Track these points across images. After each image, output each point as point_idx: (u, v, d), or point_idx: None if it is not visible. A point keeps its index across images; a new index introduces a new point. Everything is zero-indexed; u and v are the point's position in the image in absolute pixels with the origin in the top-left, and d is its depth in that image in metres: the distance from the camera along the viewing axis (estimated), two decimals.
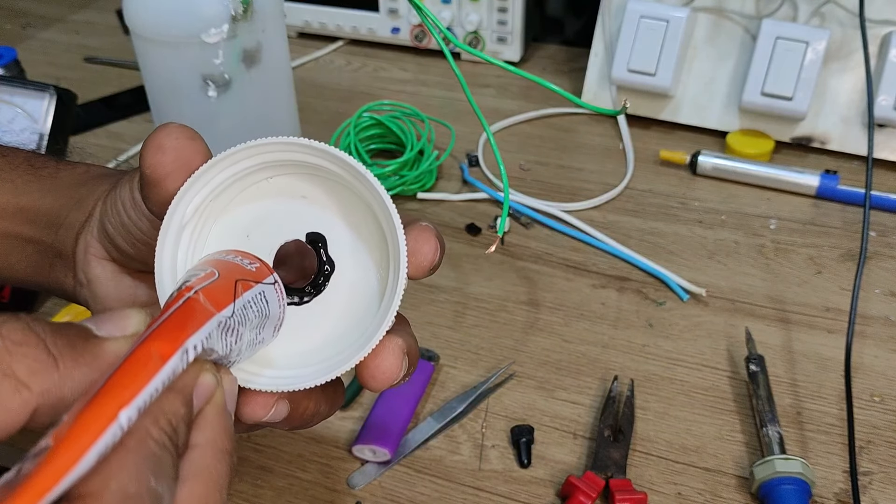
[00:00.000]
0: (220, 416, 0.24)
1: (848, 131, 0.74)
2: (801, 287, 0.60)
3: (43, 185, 0.36)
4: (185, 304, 0.23)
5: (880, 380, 0.53)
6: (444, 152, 0.75)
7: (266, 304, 0.27)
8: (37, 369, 0.20)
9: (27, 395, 0.20)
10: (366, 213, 0.30)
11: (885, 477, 0.47)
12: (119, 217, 0.32)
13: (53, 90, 0.63)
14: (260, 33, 0.52)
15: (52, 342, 0.21)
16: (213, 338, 0.23)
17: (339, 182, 0.29)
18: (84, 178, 0.36)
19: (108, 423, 0.19)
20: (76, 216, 0.35)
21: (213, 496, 0.22)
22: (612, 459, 0.47)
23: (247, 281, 0.26)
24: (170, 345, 0.21)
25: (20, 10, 1.10)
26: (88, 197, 0.35)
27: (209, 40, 0.50)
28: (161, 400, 0.21)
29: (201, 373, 0.23)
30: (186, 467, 0.22)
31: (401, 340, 0.29)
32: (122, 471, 0.19)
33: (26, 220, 0.36)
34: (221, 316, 0.24)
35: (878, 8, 0.71)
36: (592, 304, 0.60)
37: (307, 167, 0.29)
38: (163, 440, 0.21)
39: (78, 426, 0.19)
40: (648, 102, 0.80)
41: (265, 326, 0.27)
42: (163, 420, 0.21)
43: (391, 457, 0.48)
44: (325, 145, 0.27)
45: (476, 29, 0.90)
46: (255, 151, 0.28)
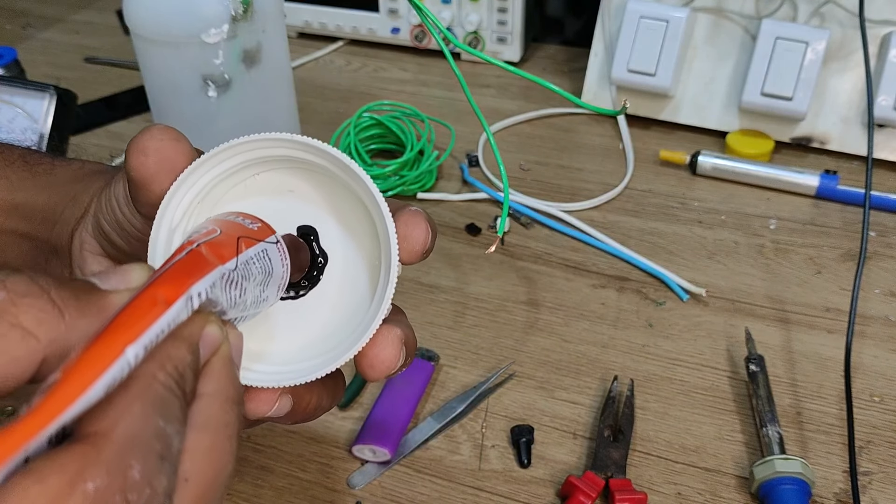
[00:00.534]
0: (227, 367, 0.24)
1: (848, 131, 0.74)
2: (800, 287, 0.61)
3: (38, 181, 0.36)
4: (189, 255, 0.23)
5: (880, 380, 0.53)
6: (444, 152, 0.75)
7: (269, 261, 0.27)
8: (43, 319, 0.20)
9: (35, 345, 0.20)
10: (355, 203, 0.30)
11: (884, 477, 0.47)
12: (113, 214, 0.32)
13: (53, 90, 0.63)
14: (260, 33, 0.52)
15: (56, 294, 0.21)
16: (217, 288, 0.23)
17: (325, 174, 0.29)
18: (79, 174, 0.37)
19: (115, 357, 0.19)
20: (72, 212, 0.35)
21: (222, 444, 0.22)
22: (612, 459, 0.47)
23: (249, 238, 0.26)
24: (174, 290, 0.22)
25: (20, 10, 1.10)
26: (84, 193, 0.35)
27: (209, 40, 0.50)
28: (167, 346, 0.21)
29: (207, 324, 0.23)
30: (194, 416, 0.22)
31: (398, 330, 0.29)
32: (130, 411, 0.19)
33: (22, 217, 0.36)
34: (224, 268, 0.24)
35: (878, 8, 0.71)
36: (592, 304, 0.60)
37: (293, 162, 0.29)
38: (169, 384, 0.21)
39: (85, 359, 0.19)
40: (648, 102, 0.80)
41: (269, 284, 0.27)
42: (169, 365, 0.21)
43: (391, 457, 0.48)
44: (308, 139, 0.27)
45: (476, 29, 0.90)
46: (239, 150, 0.28)
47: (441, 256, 0.64)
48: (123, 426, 0.19)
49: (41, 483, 0.17)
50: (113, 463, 0.18)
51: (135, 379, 0.20)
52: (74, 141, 0.75)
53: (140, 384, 0.20)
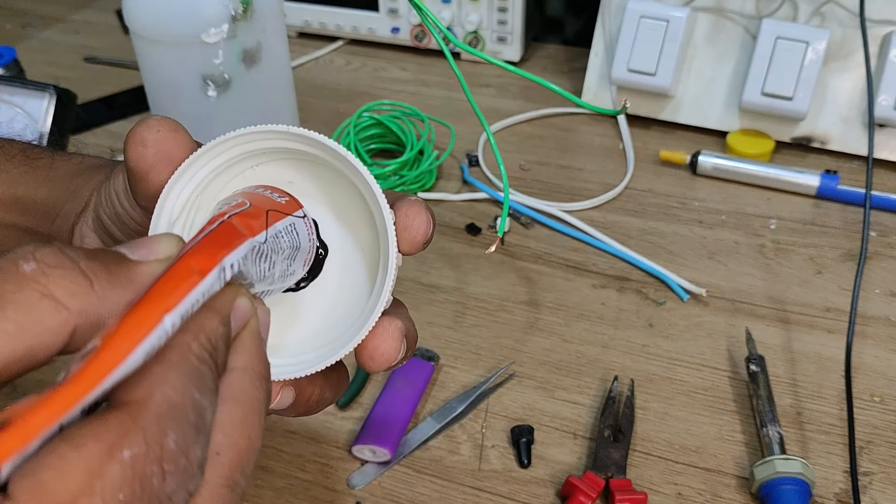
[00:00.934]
0: (256, 341, 0.24)
1: (848, 131, 0.74)
2: (801, 287, 0.60)
3: (38, 175, 0.36)
4: (220, 226, 0.23)
5: (880, 380, 0.53)
6: (444, 152, 0.75)
7: (297, 235, 0.27)
8: (74, 290, 0.20)
9: (66, 315, 0.20)
10: (353, 195, 0.30)
11: (885, 477, 0.47)
12: (113, 207, 0.32)
13: (53, 90, 0.63)
14: (260, 33, 0.52)
15: (86, 265, 0.21)
16: (248, 260, 0.24)
17: (323, 166, 0.29)
18: (79, 168, 0.36)
19: (153, 324, 0.19)
20: (72, 206, 0.35)
21: (252, 419, 0.22)
22: (612, 459, 0.47)
23: (278, 212, 0.26)
24: (208, 260, 0.22)
25: (20, 9, 1.10)
26: (84, 187, 0.35)
27: (209, 40, 0.50)
28: (200, 317, 0.21)
29: (238, 296, 0.23)
30: (226, 389, 0.22)
31: (399, 322, 0.29)
32: (166, 381, 0.19)
33: (22, 211, 0.36)
34: (255, 241, 0.24)
35: (879, 8, 0.71)
36: (592, 304, 0.59)
37: (291, 154, 0.29)
38: (203, 356, 0.21)
39: (124, 327, 0.19)
40: (648, 102, 0.80)
41: (296, 258, 0.27)
42: (202, 337, 0.21)
43: (391, 457, 0.48)
44: (305, 131, 0.27)
45: (476, 29, 0.90)
46: (238, 141, 0.28)
47: (441, 256, 0.64)
48: (160, 395, 0.19)
49: (78, 450, 0.17)
50: (150, 432, 0.18)
51: (170, 349, 0.20)
52: (74, 140, 0.74)
53: (175, 354, 0.20)
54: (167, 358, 0.20)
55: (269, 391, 0.24)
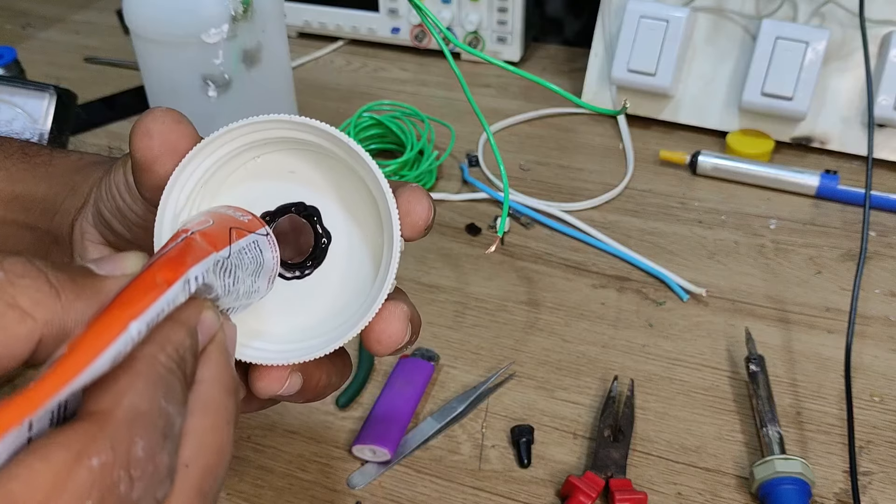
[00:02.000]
0: (223, 354, 0.24)
1: (848, 131, 0.74)
2: (800, 287, 0.60)
3: (37, 172, 0.36)
4: (184, 242, 0.24)
5: (880, 380, 0.53)
6: (444, 152, 0.75)
7: (260, 252, 0.27)
8: (40, 300, 0.20)
9: (32, 325, 0.20)
10: (356, 182, 0.30)
11: (884, 477, 0.47)
12: (114, 201, 0.32)
13: (53, 90, 0.63)
14: (260, 33, 0.52)
15: (53, 276, 0.21)
16: (212, 274, 0.24)
17: (326, 155, 0.30)
18: (78, 165, 0.37)
19: (119, 331, 0.19)
20: (72, 202, 0.35)
21: (222, 428, 0.23)
22: (612, 459, 0.47)
23: (240, 230, 0.26)
24: (172, 272, 0.22)
25: (20, 10, 1.10)
26: (83, 183, 0.35)
27: (209, 40, 0.50)
28: (167, 329, 0.22)
29: (203, 310, 0.24)
30: (194, 400, 0.22)
31: (404, 306, 0.29)
32: (133, 389, 0.20)
33: (21, 208, 0.36)
34: (219, 256, 0.24)
35: (878, 8, 0.71)
36: (592, 304, 0.60)
37: (293, 143, 0.29)
38: (171, 365, 0.21)
39: (90, 333, 0.19)
40: (648, 102, 0.80)
41: (260, 275, 0.28)
42: (169, 347, 0.21)
43: (391, 457, 0.48)
44: (307, 119, 0.28)
45: (476, 29, 0.90)
46: (241, 132, 0.28)
47: (441, 256, 0.64)
48: (127, 403, 0.19)
49: (45, 460, 0.17)
50: (117, 439, 0.19)
51: (137, 359, 0.20)
52: (74, 140, 0.74)
53: (142, 364, 0.20)
54: (134, 367, 0.20)
55: (237, 403, 0.24)
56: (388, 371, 0.54)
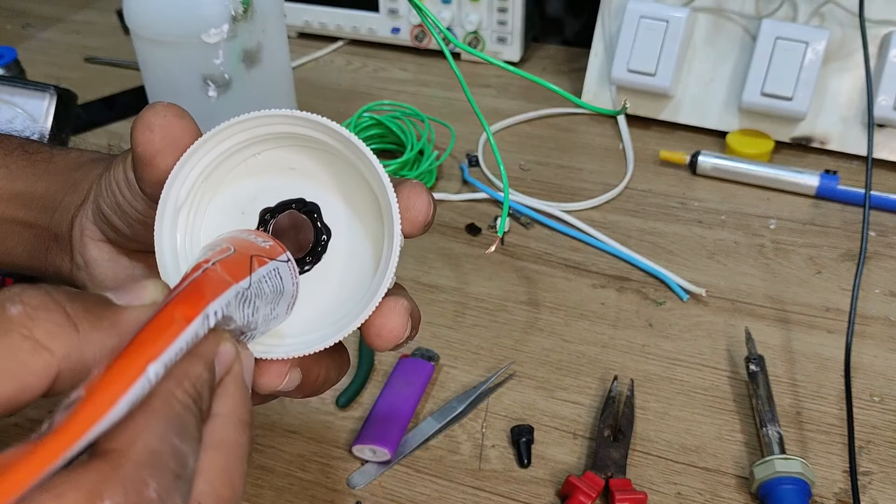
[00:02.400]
0: (240, 387, 0.24)
1: (848, 131, 0.74)
2: (800, 287, 0.61)
3: (37, 169, 0.37)
4: (204, 274, 0.24)
5: (880, 380, 0.53)
6: (444, 152, 0.75)
7: (280, 280, 0.27)
8: (57, 333, 0.20)
9: (49, 358, 0.20)
10: (356, 178, 0.30)
11: (884, 477, 0.47)
12: (114, 197, 0.32)
13: (54, 90, 0.63)
14: (260, 33, 0.52)
15: (70, 308, 0.21)
16: (232, 307, 0.24)
17: (326, 151, 0.30)
18: (78, 162, 0.37)
19: (137, 375, 0.19)
20: (71, 199, 0.35)
21: (235, 466, 0.23)
22: (612, 459, 0.47)
23: (261, 257, 0.26)
24: (192, 308, 0.22)
25: (20, 10, 1.10)
26: (83, 180, 0.35)
27: (209, 40, 0.50)
28: (184, 364, 0.21)
29: (221, 341, 0.23)
30: (208, 436, 0.22)
31: (404, 301, 0.29)
32: (147, 429, 0.20)
33: (21, 205, 0.36)
34: (239, 287, 0.24)
35: (878, 8, 0.71)
36: (592, 304, 0.60)
37: (294, 139, 0.29)
38: (187, 402, 0.21)
39: (108, 378, 0.19)
40: (648, 102, 0.80)
41: (279, 302, 0.28)
42: (187, 383, 0.21)
43: (391, 457, 0.48)
44: (308, 114, 0.28)
45: (476, 29, 0.90)
46: (242, 126, 0.28)
47: (441, 256, 0.64)
48: (141, 444, 0.19)
49: (59, 500, 0.17)
50: (130, 481, 0.19)
51: (153, 396, 0.20)
52: (74, 141, 0.74)
53: (158, 401, 0.20)
54: (150, 405, 0.20)
55: (252, 437, 0.24)
56: (388, 371, 0.54)
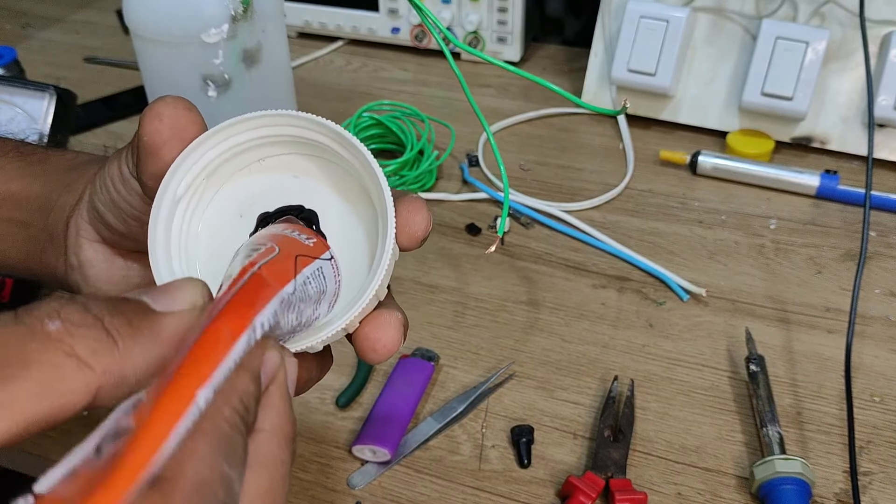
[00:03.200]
0: (284, 398, 0.24)
1: (848, 131, 0.74)
2: (801, 287, 0.60)
3: (33, 170, 0.37)
4: (251, 280, 0.23)
5: (880, 380, 0.53)
6: (444, 152, 0.75)
7: (323, 279, 0.27)
8: (97, 349, 0.20)
9: (90, 375, 0.20)
10: (357, 186, 0.30)
11: (885, 477, 0.47)
12: (109, 193, 0.32)
13: (53, 90, 0.63)
14: (260, 33, 0.52)
15: (109, 322, 0.21)
16: (278, 315, 0.23)
17: (329, 159, 0.30)
18: (73, 163, 0.37)
19: (187, 404, 0.19)
20: (66, 199, 0.35)
21: (279, 486, 0.22)
22: (612, 459, 0.47)
23: (306, 256, 0.26)
24: (239, 322, 0.21)
25: (20, 10, 1.10)
26: (78, 180, 0.35)
27: (209, 40, 0.50)
28: (231, 378, 0.21)
29: (266, 349, 0.23)
30: (253, 452, 0.22)
31: (399, 314, 0.29)
32: (195, 455, 0.19)
33: (16, 205, 0.36)
34: (284, 293, 0.24)
35: (878, 8, 0.71)
36: (592, 304, 0.60)
37: (299, 145, 0.29)
38: (235, 420, 0.21)
39: (159, 408, 0.19)
40: (648, 102, 0.80)
41: (321, 302, 0.27)
42: (234, 399, 0.21)
43: (391, 457, 0.48)
44: (313, 116, 0.28)
45: (476, 29, 0.90)
46: (246, 125, 0.28)
47: (441, 256, 0.64)
48: (190, 472, 0.19)
49: None
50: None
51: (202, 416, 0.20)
52: (74, 141, 0.74)
53: (208, 423, 0.20)
54: (200, 427, 0.20)
55: (294, 452, 0.24)
56: (388, 371, 0.54)
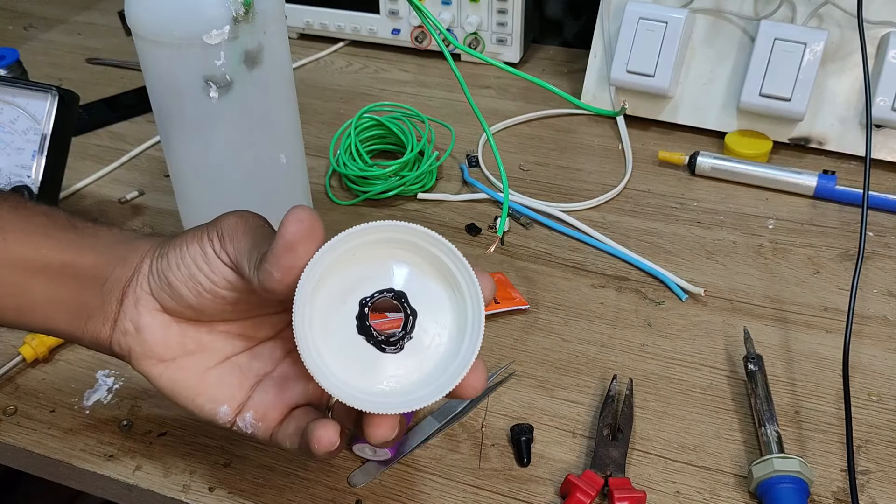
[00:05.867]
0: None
1: (846, 132, 0.74)
2: (799, 287, 0.61)
3: (85, 242, 0.41)
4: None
5: (878, 379, 0.53)
6: (445, 153, 0.75)
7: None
8: None
9: None
10: (436, 263, 0.37)
11: (882, 476, 0.47)
12: (188, 269, 0.38)
13: (56, 91, 0.64)
14: (261, 34, 0.52)
15: None
16: None
17: (413, 243, 0.36)
18: (121, 237, 0.41)
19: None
20: (122, 272, 0.40)
21: None
22: (611, 458, 0.47)
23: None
24: None
25: (22, 11, 1.10)
26: (132, 255, 0.40)
27: (211, 42, 0.50)
28: None
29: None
30: None
31: (481, 362, 0.37)
32: None
33: (71, 275, 0.40)
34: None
35: (876, 9, 0.71)
36: (591, 303, 0.60)
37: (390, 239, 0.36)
38: None
39: None
40: (647, 103, 0.80)
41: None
42: None
43: (391, 455, 0.48)
44: (413, 225, 0.35)
45: (476, 30, 0.90)
46: (362, 235, 0.35)
47: None
48: None
49: None
50: None
51: None
52: (76, 141, 0.75)
53: None
54: None
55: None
56: None
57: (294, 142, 0.61)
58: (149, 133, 0.82)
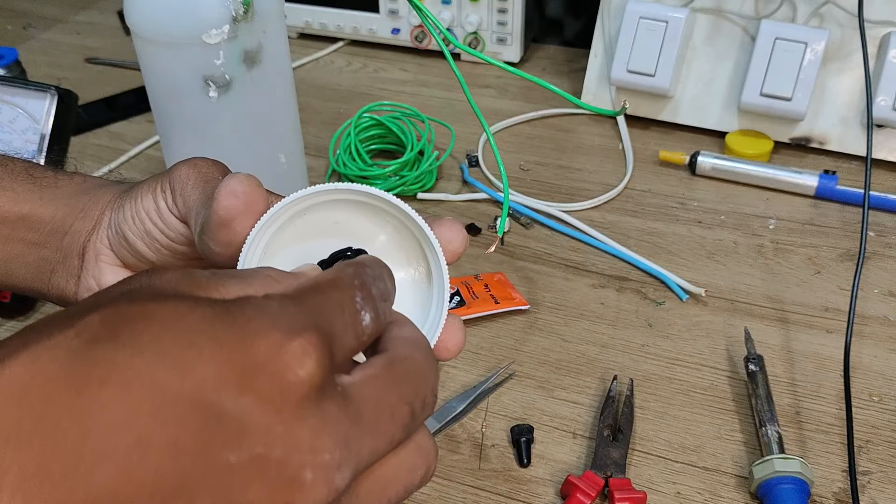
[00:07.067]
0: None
1: (846, 132, 0.74)
2: (799, 287, 0.61)
3: (44, 193, 0.38)
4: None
5: (879, 379, 0.53)
6: (444, 153, 0.75)
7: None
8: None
9: None
10: (394, 222, 0.34)
11: (883, 476, 0.47)
12: (143, 224, 0.34)
13: (55, 91, 0.64)
14: (261, 34, 0.52)
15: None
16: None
17: (365, 203, 0.33)
18: (83, 187, 0.38)
19: None
20: (82, 224, 0.37)
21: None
22: (612, 459, 0.47)
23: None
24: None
25: (21, 10, 1.10)
26: (93, 206, 0.37)
27: (210, 41, 0.50)
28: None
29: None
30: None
31: (457, 318, 0.34)
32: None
33: (28, 228, 0.37)
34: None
35: (877, 9, 0.71)
36: (592, 303, 0.60)
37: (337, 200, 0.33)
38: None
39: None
40: (648, 103, 0.80)
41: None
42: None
43: None
44: (365, 187, 0.32)
45: (476, 30, 0.90)
46: (307, 200, 0.32)
47: None
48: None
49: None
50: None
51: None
52: (75, 141, 0.75)
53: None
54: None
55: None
56: None
57: (293, 142, 0.61)
58: (148, 133, 0.81)
